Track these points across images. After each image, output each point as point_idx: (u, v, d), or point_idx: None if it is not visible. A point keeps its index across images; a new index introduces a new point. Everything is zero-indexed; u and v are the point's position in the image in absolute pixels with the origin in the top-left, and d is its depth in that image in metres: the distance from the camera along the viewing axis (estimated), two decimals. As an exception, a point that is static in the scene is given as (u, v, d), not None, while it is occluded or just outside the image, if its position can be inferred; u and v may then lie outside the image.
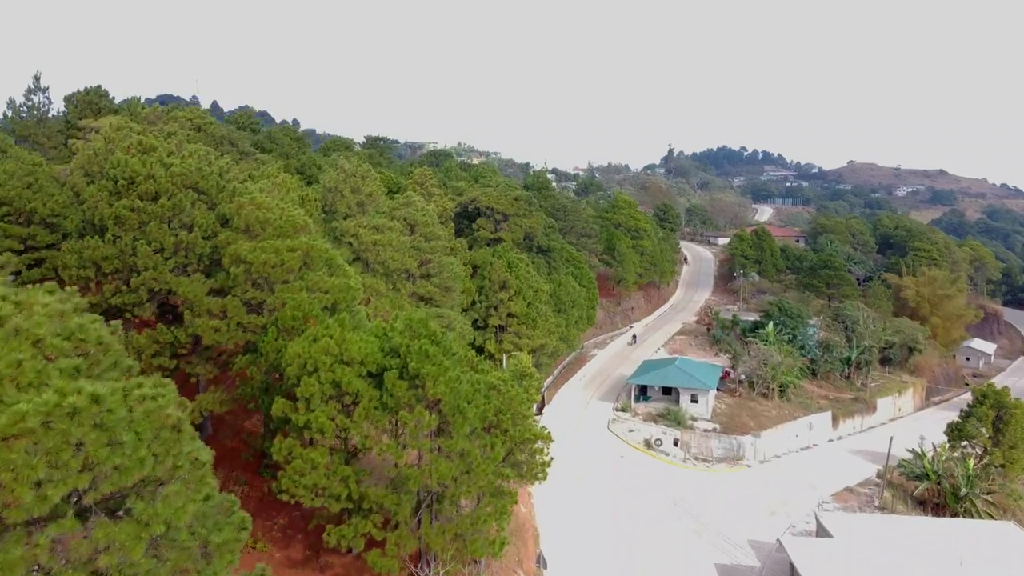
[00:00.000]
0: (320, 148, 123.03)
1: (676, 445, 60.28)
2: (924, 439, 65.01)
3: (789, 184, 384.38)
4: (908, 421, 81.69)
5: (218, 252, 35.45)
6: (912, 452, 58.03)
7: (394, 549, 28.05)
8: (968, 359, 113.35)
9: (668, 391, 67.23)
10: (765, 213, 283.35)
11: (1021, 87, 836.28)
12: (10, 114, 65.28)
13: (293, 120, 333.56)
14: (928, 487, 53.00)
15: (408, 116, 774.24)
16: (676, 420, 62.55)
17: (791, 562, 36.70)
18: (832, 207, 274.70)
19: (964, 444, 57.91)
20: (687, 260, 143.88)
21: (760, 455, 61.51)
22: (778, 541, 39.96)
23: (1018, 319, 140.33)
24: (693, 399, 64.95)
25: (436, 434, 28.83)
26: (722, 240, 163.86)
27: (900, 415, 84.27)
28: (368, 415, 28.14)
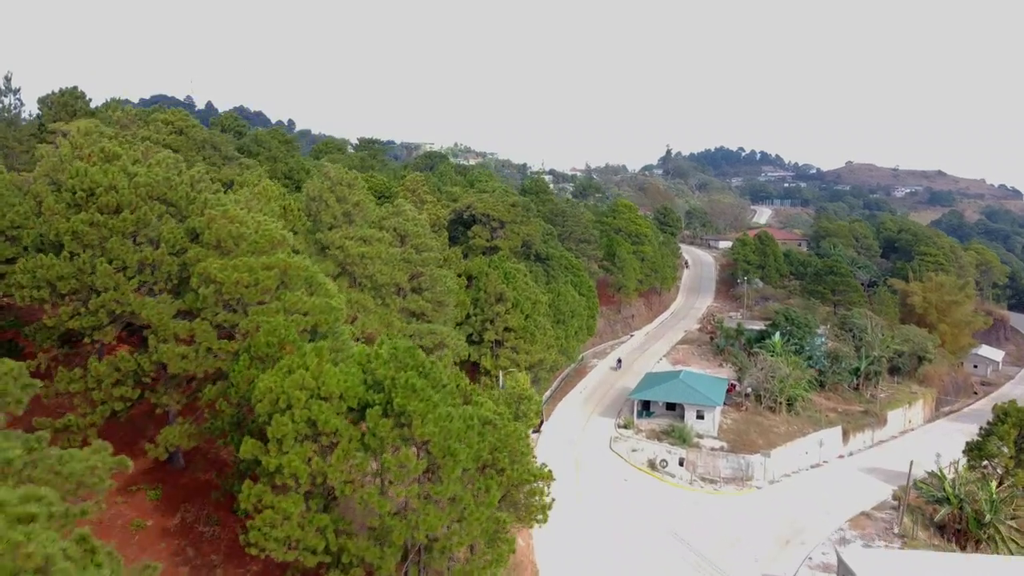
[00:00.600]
0: (311, 151, 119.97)
1: (681, 465, 57.33)
2: (940, 456, 62.14)
3: (787, 185, 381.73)
4: (919, 434, 78.90)
5: (187, 270, 32.45)
6: (930, 473, 55.20)
7: (377, 607, 25.12)
8: (976, 367, 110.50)
9: (672, 406, 64.33)
10: (764, 215, 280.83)
11: (1019, 87, 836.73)
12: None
13: (289, 121, 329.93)
14: (949, 512, 50.13)
15: (405, 116, 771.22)
16: (681, 438, 59.65)
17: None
18: (831, 208, 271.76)
19: (984, 464, 55.07)
20: (688, 264, 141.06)
21: (769, 474, 58.60)
22: None
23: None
24: (699, 415, 62.05)
25: (424, 478, 25.86)
26: (723, 244, 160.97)
27: (910, 427, 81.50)
28: (348, 457, 25.15)
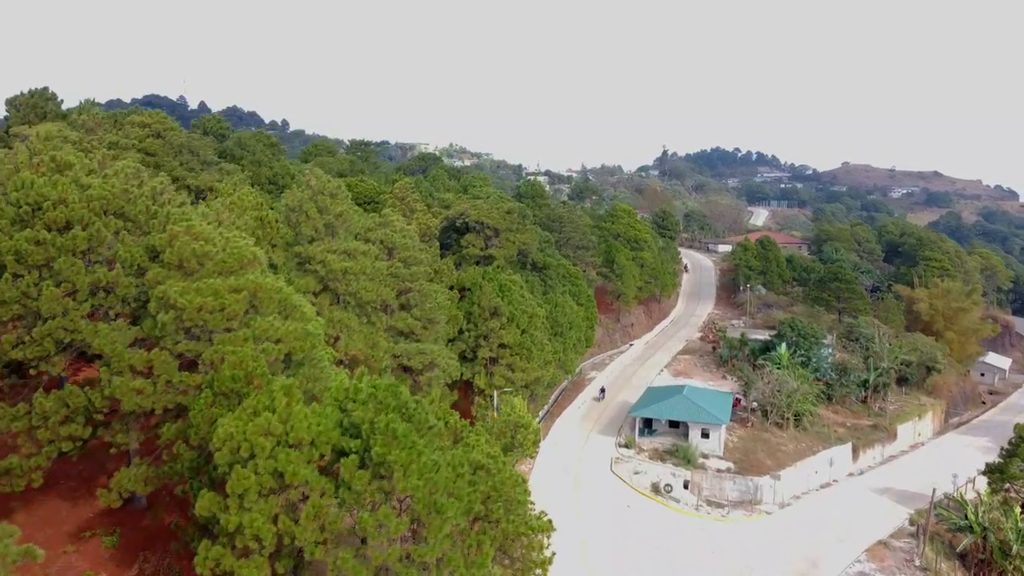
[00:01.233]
0: (300, 154, 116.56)
1: (686, 488, 54.28)
2: (957, 477, 59.34)
3: (783, 186, 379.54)
4: (929, 448, 76.06)
5: (148, 293, 29.21)
6: (949, 497, 52.35)
7: None
8: (983, 375, 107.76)
9: (676, 423, 61.23)
10: (761, 216, 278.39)
11: (1014, 88, 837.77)
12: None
13: (283, 121, 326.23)
14: (973, 541, 47.19)
15: (400, 117, 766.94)
16: (685, 458, 56.59)
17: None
18: (829, 210, 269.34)
19: (1007, 487, 52.21)
20: (687, 268, 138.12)
21: (779, 497, 55.62)
22: None
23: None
24: (704, 434, 58.93)
25: (408, 535, 22.69)
26: (722, 247, 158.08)
27: (920, 441, 78.65)
28: (319, 516, 21.96)
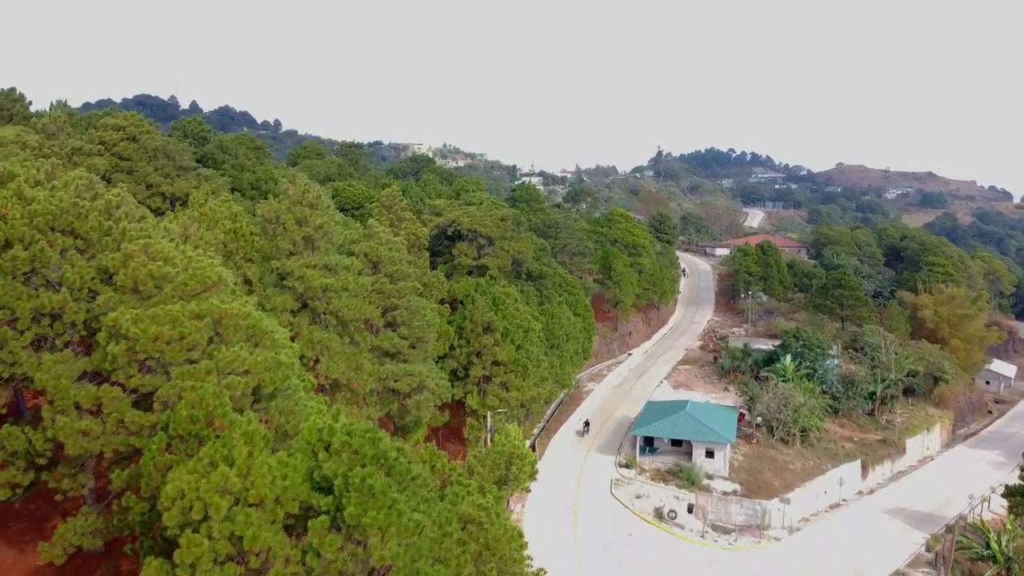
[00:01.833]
0: (288, 156, 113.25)
1: (691, 512, 51.43)
2: (973, 498, 56.77)
3: (778, 186, 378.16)
4: (939, 463, 73.44)
5: (99, 320, 26.12)
6: (967, 522, 49.70)
7: None
8: (988, 383, 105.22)
9: (679, 441, 58.38)
10: (756, 217, 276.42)
11: (1009, 88, 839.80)
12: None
13: (275, 121, 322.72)
14: (997, 572, 44.48)
15: (393, 117, 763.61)
16: (689, 479, 53.79)
17: None
18: (824, 211, 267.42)
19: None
20: (685, 272, 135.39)
21: (788, 520, 52.86)
22: None
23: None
24: (708, 453, 56.11)
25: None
26: (719, 251, 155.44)
27: (929, 455, 76.01)
28: (283, 588, 18.92)
